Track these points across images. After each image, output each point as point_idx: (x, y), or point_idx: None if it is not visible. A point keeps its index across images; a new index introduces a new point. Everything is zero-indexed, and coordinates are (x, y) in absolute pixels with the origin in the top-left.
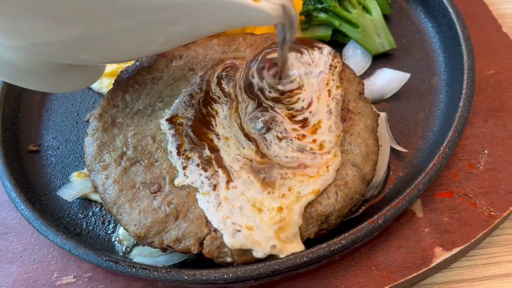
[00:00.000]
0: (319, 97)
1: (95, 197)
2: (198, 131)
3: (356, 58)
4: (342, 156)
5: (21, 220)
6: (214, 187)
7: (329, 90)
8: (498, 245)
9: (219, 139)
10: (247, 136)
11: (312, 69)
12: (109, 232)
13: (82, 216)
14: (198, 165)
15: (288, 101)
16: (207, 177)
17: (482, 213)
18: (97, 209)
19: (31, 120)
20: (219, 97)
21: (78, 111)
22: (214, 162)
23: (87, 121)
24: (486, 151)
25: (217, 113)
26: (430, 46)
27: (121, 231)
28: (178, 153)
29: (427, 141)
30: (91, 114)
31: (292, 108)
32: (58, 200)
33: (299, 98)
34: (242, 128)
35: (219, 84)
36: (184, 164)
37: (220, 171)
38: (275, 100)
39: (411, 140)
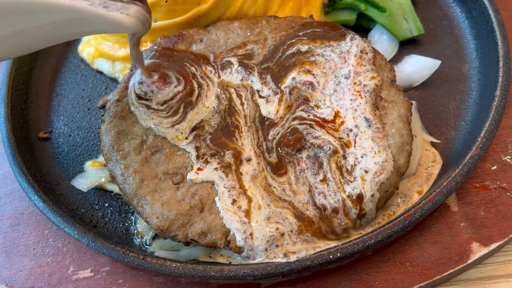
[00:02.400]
0: (355, 117)
1: (111, 187)
2: (219, 140)
3: (382, 43)
4: None
5: (34, 211)
6: (234, 201)
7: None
8: None
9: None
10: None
11: (338, 74)
12: (126, 224)
13: (97, 207)
14: (216, 169)
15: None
16: (227, 188)
17: None
18: (113, 199)
19: (40, 105)
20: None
21: (89, 97)
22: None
23: (100, 107)
24: None
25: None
26: (459, 32)
27: (139, 223)
28: (198, 157)
29: (460, 132)
30: (104, 99)
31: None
32: (72, 190)
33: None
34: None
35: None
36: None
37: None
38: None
39: (442, 130)
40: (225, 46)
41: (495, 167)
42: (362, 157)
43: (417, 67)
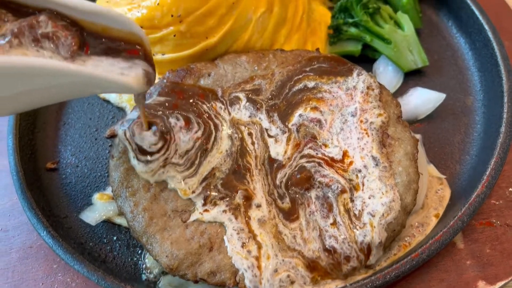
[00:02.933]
0: (362, 156)
1: (119, 220)
2: (230, 184)
3: (387, 75)
4: None
5: (42, 244)
6: (243, 244)
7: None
8: None
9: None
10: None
11: (345, 112)
12: (134, 258)
13: (106, 241)
14: (225, 211)
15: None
16: (236, 230)
17: None
18: (121, 233)
19: (47, 135)
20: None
21: (96, 126)
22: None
23: (107, 137)
24: None
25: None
26: (463, 63)
27: (148, 258)
28: (204, 204)
29: (465, 166)
30: (112, 129)
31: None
32: (80, 223)
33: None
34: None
35: (250, 134)
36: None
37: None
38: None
39: (447, 164)
40: (233, 81)
41: (500, 203)
42: (369, 198)
43: (422, 100)
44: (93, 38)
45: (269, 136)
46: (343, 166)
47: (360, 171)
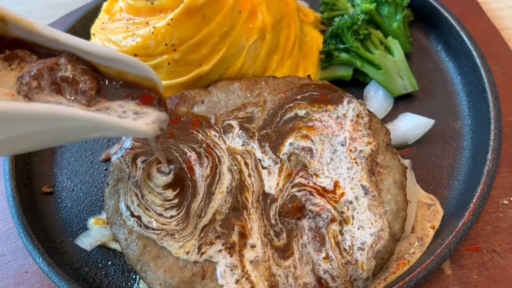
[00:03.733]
0: (352, 187)
1: (114, 245)
2: (228, 221)
3: (378, 100)
4: None
5: (38, 270)
6: (237, 281)
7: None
8: None
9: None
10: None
11: (334, 142)
12: (129, 283)
13: (101, 266)
14: (220, 251)
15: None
16: (229, 267)
17: (511, 270)
18: (116, 258)
19: (43, 158)
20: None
21: (92, 150)
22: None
23: (103, 161)
24: None
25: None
26: (452, 87)
27: (142, 284)
28: (200, 249)
29: (453, 191)
30: (107, 153)
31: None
32: (75, 247)
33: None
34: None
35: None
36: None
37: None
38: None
39: (436, 190)
40: (226, 108)
41: (487, 229)
42: (359, 229)
43: (411, 126)
44: (109, 83)
45: (263, 167)
46: (334, 197)
47: (351, 202)
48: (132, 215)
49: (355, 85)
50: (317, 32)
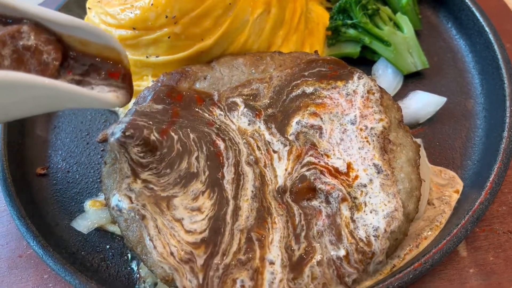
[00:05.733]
0: (365, 169)
1: (112, 228)
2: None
3: (387, 77)
4: None
5: (32, 253)
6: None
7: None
8: None
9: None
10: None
11: (344, 120)
12: (128, 268)
13: (99, 250)
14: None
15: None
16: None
17: None
18: (115, 241)
19: (37, 139)
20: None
21: (88, 130)
22: None
23: (99, 142)
24: None
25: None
26: (464, 65)
27: (142, 268)
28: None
29: (467, 172)
30: (104, 133)
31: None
32: (72, 231)
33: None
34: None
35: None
36: None
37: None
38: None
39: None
40: (230, 84)
41: (503, 209)
42: (371, 212)
43: (423, 104)
44: (74, 56)
45: (274, 151)
46: (348, 180)
47: (365, 186)
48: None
49: (363, 63)
50: (322, 9)
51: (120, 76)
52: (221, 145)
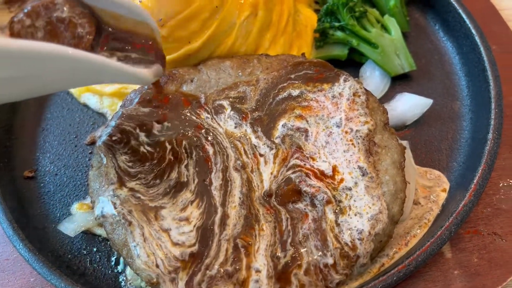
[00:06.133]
0: (350, 172)
1: (99, 231)
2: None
3: (374, 79)
4: None
5: (19, 257)
6: None
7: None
8: None
9: None
10: None
11: (330, 123)
12: (115, 270)
13: (85, 252)
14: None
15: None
16: None
17: None
18: (102, 244)
19: (25, 141)
20: None
21: (76, 133)
22: None
23: (88, 144)
24: None
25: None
26: (451, 67)
27: (128, 271)
28: None
29: (453, 173)
30: (92, 136)
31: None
32: (59, 234)
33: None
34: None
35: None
36: None
37: None
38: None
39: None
40: (216, 87)
41: (488, 211)
42: (356, 215)
43: (409, 106)
44: (107, 31)
45: (260, 155)
46: (333, 183)
47: (350, 189)
48: None
49: (351, 65)
50: (311, 11)
51: (153, 53)
52: (210, 150)
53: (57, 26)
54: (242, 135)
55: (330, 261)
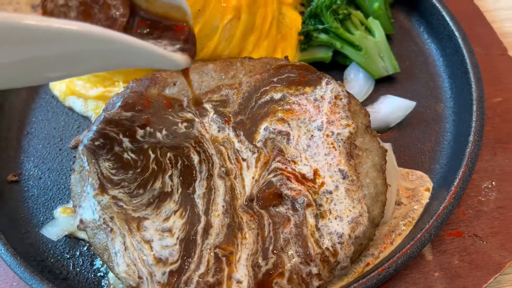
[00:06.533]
0: (331, 175)
1: (83, 235)
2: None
3: (358, 82)
4: None
5: (1, 261)
6: None
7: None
8: (508, 284)
9: None
10: None
11: (311, 127)
12: (98, 275)
13: (68, 257)
14: None
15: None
16: None
17: (493, 255)
18: (85, 248)
19: (9, 145)
20: None
21: (61, 136)
22: None
23: (72, 148)
24: (495, 187)
25: None
26: (435, 69)
27: (111, 275)
28: None
29: (435, 175)
30: (77, 139)
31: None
32: (42, 238)
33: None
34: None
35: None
36: None
37: None
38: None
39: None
40: (199, 90)
41: (469, 213)
42: (336, 219)
43: (392, 108)
44: (140, 14)
45: (243, 159)
46: (314, 186)
47: (331, 193)
48: None
49: (336, 67)
50: (296, 13)
51: (186, 37)
52: (196, 158)
53: (91, 6)
54: (226, 139)
55: (312, 268)
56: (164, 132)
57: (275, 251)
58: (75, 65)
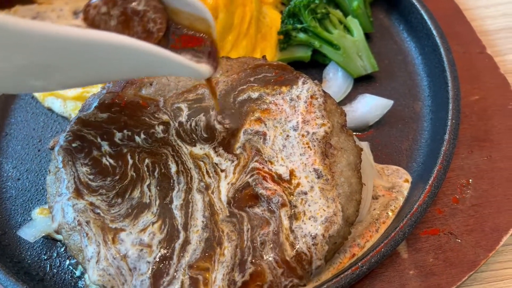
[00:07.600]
0: (307, 176)
1: (60, 236)
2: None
3: (337, 81)
4: None
5: None
6: None
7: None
8: (483, 282)
9: None
10: None
11: (287, 127)
12: (75, 276)
13: (45, 258)
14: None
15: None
16: None
17: (467, 253)
18: (62, 249)
19: None
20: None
21: (40, 137)
22: None
23: (51, 149)
24: (471, 185)
25: None
26: (413, 68)
27: (87, 275)
28: None
29: (412, 174)
30: (55, 140)
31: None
32: (19, 239)
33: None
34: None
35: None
36: None
37: None
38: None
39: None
40: (176, 90)
41: (444, 211)
42: (310, 219)
43: (370, 107)
44: (173, 24)
45: (221, 170)
46: (290, 188)
47: (305, 193)
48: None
49: (315, 66)
50: (277, 13)
51: (209, 48)
52: (173, 167)
53: (131, 18)
54: (205, 156)
55: (287, 270)
56: (142, 135)
57: (253, 261)
58: (106, 74)
